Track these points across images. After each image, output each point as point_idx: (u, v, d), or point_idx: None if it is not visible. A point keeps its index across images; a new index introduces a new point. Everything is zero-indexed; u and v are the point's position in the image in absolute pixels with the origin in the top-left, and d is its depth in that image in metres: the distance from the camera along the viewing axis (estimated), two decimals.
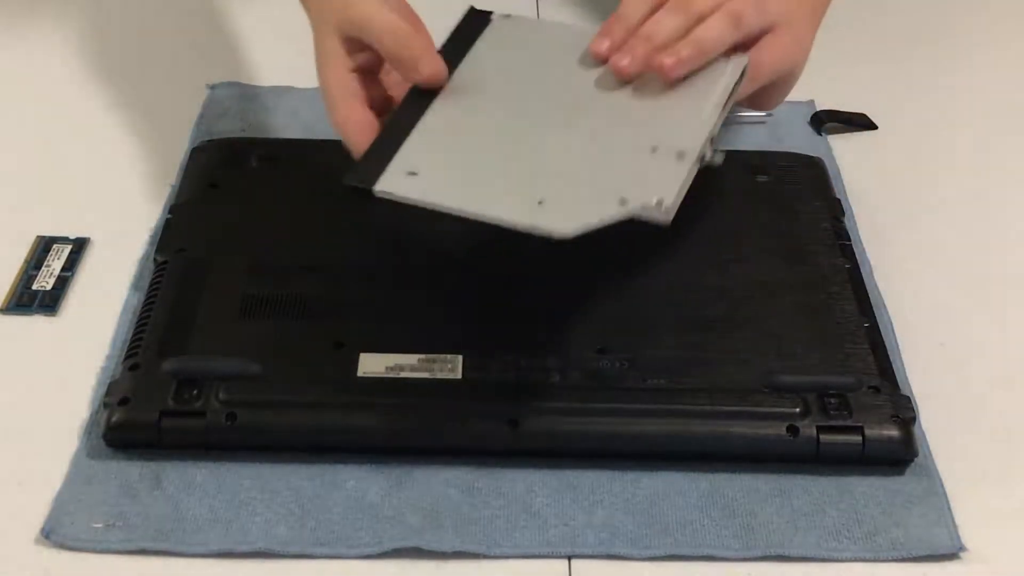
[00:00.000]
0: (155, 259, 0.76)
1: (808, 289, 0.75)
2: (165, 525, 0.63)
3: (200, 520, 0.63)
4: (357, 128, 0.66)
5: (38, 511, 0.64)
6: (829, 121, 0.93)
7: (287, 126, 0.91)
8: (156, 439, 0.66)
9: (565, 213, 0.56)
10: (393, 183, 0.59)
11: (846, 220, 0.81)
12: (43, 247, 0.79)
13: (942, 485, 0.67)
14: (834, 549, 0.63)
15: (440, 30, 0.71)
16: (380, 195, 0.60)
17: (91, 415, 0.69)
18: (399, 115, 0.64)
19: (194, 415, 0.66)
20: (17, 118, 0.92)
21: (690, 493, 0.66)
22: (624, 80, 0.66)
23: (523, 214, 0.56)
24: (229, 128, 0.90)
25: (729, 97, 0.65)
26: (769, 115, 0.92)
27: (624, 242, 0.77)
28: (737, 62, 0.66)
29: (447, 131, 0.62)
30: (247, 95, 0.94)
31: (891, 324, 0.76)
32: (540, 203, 0.57)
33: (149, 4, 1.04)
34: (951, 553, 0.64)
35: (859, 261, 0.78)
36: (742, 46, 0.72)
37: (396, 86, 0.72)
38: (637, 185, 0.57)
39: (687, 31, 0.69)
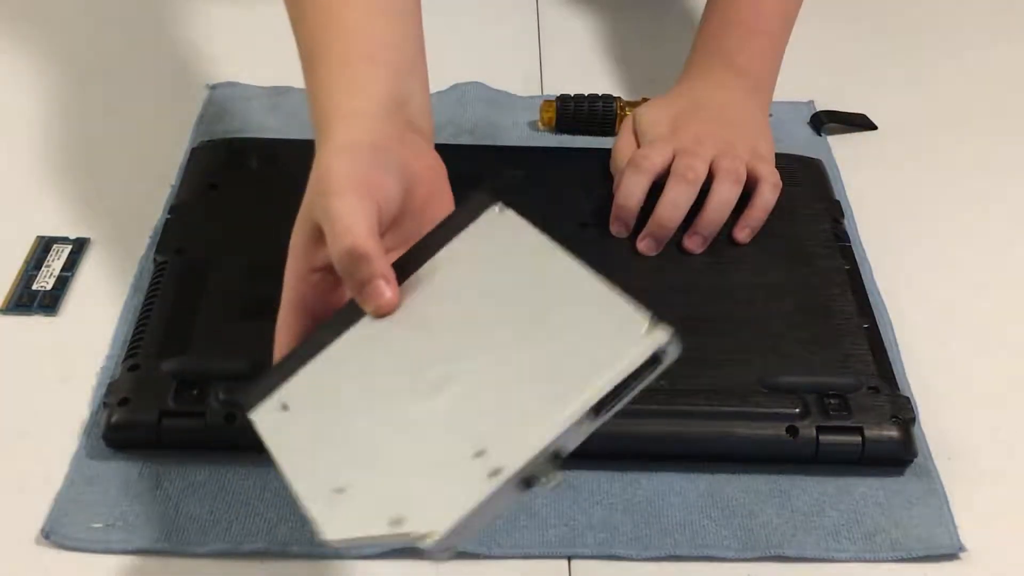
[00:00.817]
0: (155, 259, 0.76)
1: (808, 290, 0.75)
2: (165, 525, 0.63)
3: (201, 520, 0.64)
4: (283, 345, 0.59)
5: (38, 511, 0.64)
6: (829, 122, 0.93)
7: (287, 127, 0.91)
8: (156, 439, 0.66)
9: (343, 515, 0.52)
10: (262, 416, 0.58)
11: (846, 221, 0.81)
12: (43, 247, 0.79)
13: (941, 486, 0.67)
14: (834, 549, 0.64)
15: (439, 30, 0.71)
16: (250, 422, 0.58)
17: (91, 415, 0.69)
18: (317, 331, 0.59)
19: (194, 415, 0.66)
20: (17, 118, 0.92)
21: (690, 493, 0.66)
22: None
23: (313, 498, 0.53)
24: (228, 128, 0.90)
25: (621, 387, 0.52)
26: (769, 116, 0.92)
27: (624, 243, 0.78)
28: (657, 336, 0.52)
29: (331, 370, 0.58)
30: (247, 95, 0.94)
31: (891, 325, 0.76)
32: (338, 491, 0.53)
33: (149, 4, 1.04)
34: (950, 553, 0.64)
35: (859, 262, 0.78)
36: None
37: None
38: (424, 503, 0.51)
39: (691, 199, 0.77)
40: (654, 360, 0.52)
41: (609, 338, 0.53)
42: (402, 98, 0.62)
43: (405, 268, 0.59)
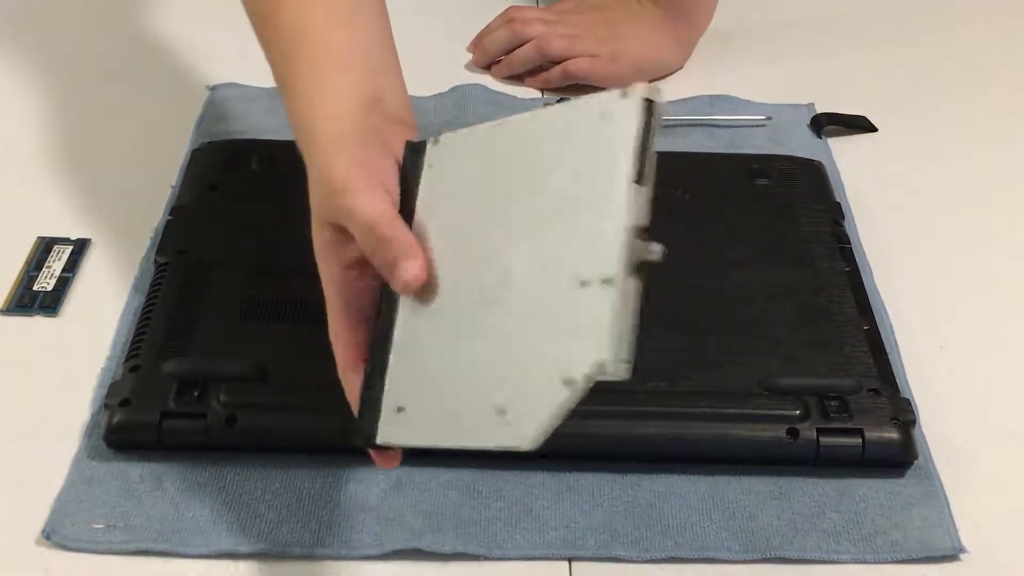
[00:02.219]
0: (156, 260, 0.76)
1: (808, 292, 0.75)
2: (166, 526, 0.63)
3: (201, 521, 0.64)
4: (344, 352, 0.60)
5: (39, 512, 0.64)
6: (829, 124, 0.93)
7: (287, 128, 0.90)
8: (157, 440, 0.66)
9: (524, 419, 0.51)
10: (389, 431, 0.57)
11: (846, 223, 0.81)
12: (44, 248, 0.79)
13: (942, 487, 0.67)
14: (834, 551, 0.64)
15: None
16: (383, 445, 0.58)
17: (92, 416, 0.69)
18: (379, 322, 0.59)
19: (195, 416, 0.66)
20: (18, 118, 0.92)
21: (690, 495, 0.66)
22: None
23: (491, 437, 0.53)
24: (229, 130, 0.90)
25: (642, 147, 0.53)
26: (769, 118, 0.93)
27: None
28: (634, 92, 0.52)
29: (414, 337, 0.58)
30: (248, 96, 0.94)
31: (891, 327, 0.76)
32: (501, 413, 0.53)
33: (150, 5, 1.04)
34: (951, 555, 0.64)
35: (859, 264, 0.78)
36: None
37: None
38: (574, 353, 0.50)
39: (508, 42, 0.97)
40: (650, 110, 0.52)
41: (602, 121, 0.53)
42: (376, 97, 0.63)
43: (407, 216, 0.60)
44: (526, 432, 0.51)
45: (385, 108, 0.63)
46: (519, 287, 0.54)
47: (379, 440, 0.58)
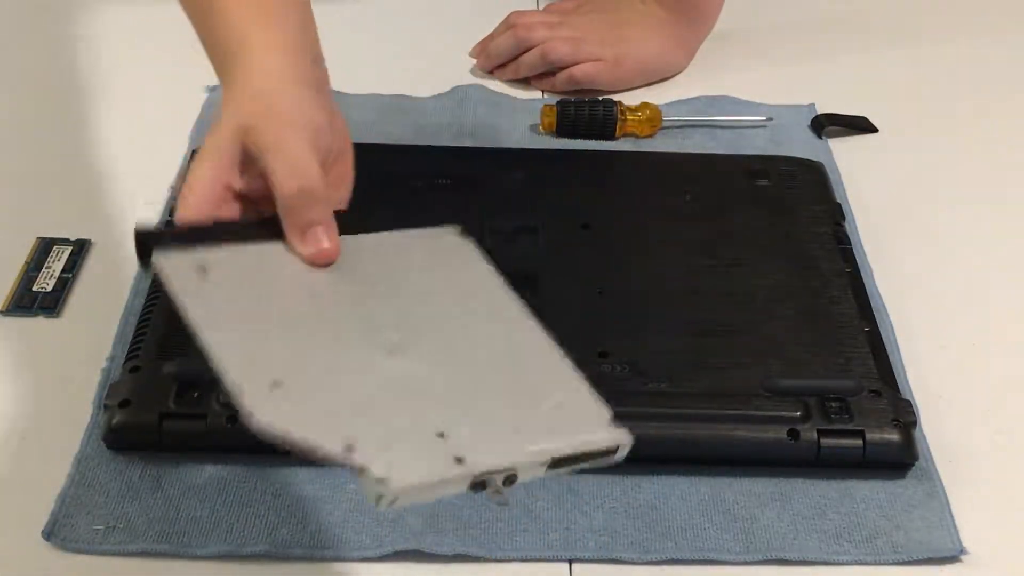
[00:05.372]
0: None
1: (809, 293, 0.75)
2: (166, 527, 0.63)
3: (201, 522, 0.63)
4: (190, 211, 0.56)
5: (39, 513, 0.64)
6: (829, 124, 0.93)
7: None
8: (157, 441, 0.66)
9: (284, 408, 0.50)
10: (174, 265, 0.54)
11: (847, 224, 0.81)
12: (44, 248, 0.79)
13: (943, 488, 0.67)
14: (835, 552, 0.64)
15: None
16: (154, 265, 0.55)
17: (92, 417, 0.69)
18: (248, 225, 0.56)
19: (195, 417, 0.66)
20: (17, 119, 0.92)
21: (691, 497, 0.66)
22: None
23: (246, 380, 0.50)
24: None
25: (584, 456, 0.52)
26: (770, 119, 0.93)
27: (625, 246, 0.78)
28: (616, 434, 0.53)
29: (271, 269, 0.54)
30: None
31: (892, 328, 0.76)
32: (275, 385, 0.50)
33: (148, 6, 1.04)
34: (952, 556, 0.64)
35: (859, 265, 0.78)
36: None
37: None
38: (381, 445, 0.49)
39: (512, 50, 0.96)
40: (610, 452, 0.53)
41: (574, 410, 0.54)
42: (316, 54, 0.62)
43: (347, 226, 0.58)
44: (270, 415, 0.50)
45: (322, 68, 0.62)
46: (396, 365, 0.53)
47: (157, 255, 0.54)
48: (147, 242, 0.55)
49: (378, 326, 0.54)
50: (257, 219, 0.57)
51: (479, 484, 0.50)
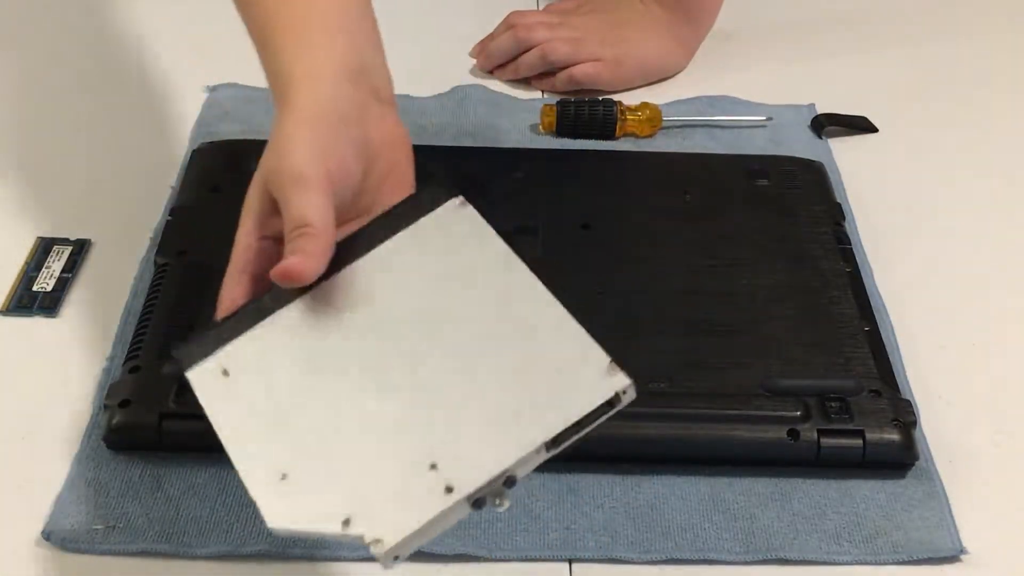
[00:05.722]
0: (156, 261, 0.76)
1: (809, 293, 0.75)
2: (166, 527, 0.63)
3: (201, 522, 0.63)
4: (226, 303, 0.60)
5: (39, 513, 0.64)
6: (829, 124, 0.93)
7: None
8: (157, 441, 0.66)
9: (290, 505, 0.52)
10: (202, 376, 0.57)
11: (847, 224, 0.81)
12: (43, 248, 0.79)
13: (943, 488, 0.67)
14: (835, 552, 0.64)
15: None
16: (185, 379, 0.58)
17: (92, 417, 0.69)
18: (264, 298, 0.59)
19: (195, 417, 0.65)
20: (17, 119, 0.92)
21: (691, 497, 0.66)
22: None
23: (257, 483, 0.53)
24: (229, 130, 0.90)
25: (577, 427, 0.53)
26: (770, 119, 0.93)
27: (626, 245, 0.78)
28: (615, 383, 0.53)
29: (279, 345, 0.57)
30: (248, 97, 0.94)
31: (892, 328, 0.76)
32: (282, 478, 0.53)
33: (149, 5, 1.04)
34: (952, 556, 0.64)
35: (859, 265, 0.78)
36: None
37: None
38: (375, 508, 0.51)
39: (512, 50, 0.97)
40: (611, 403, 0.53)
41: (569, 372, 0.54)
42: (363, 65, 0.63)
43: (355, 248, 0.59)
44: (277, 513, 0.52)
45: (370, 80, 0.63)
46: (391, 406, 0.55)
47: (188, 372, 0.58)
48: (180, 364, 0.58)
49: (380, 358, 0.56)
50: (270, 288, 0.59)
51: (479, 502, 0.52)
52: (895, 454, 0.67)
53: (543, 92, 0.97)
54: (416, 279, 0.58)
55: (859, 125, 0.94)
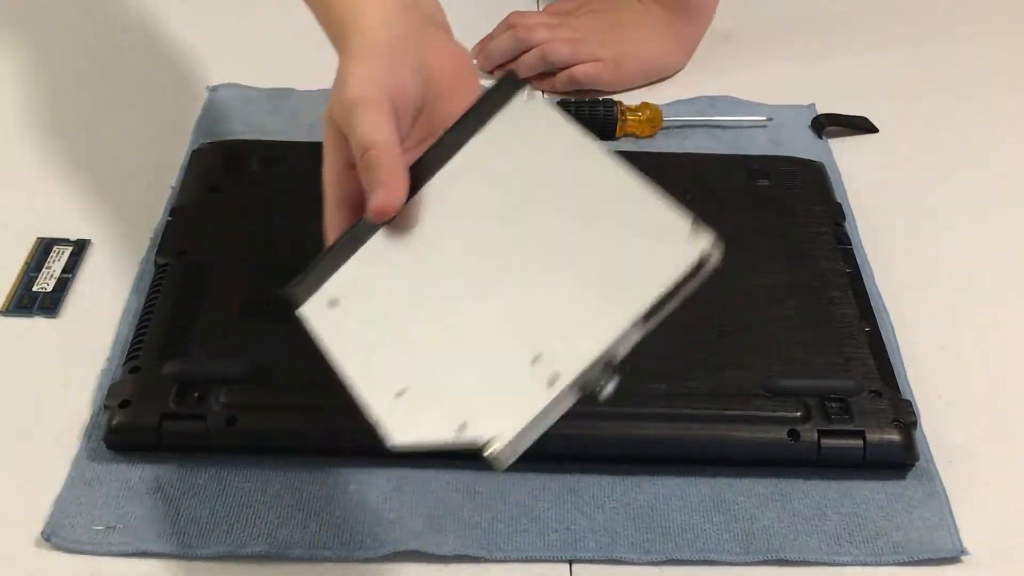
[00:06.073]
0: (156, 261, 0.76)
1: (809, 293, 0.75)
2: (166, 528, 0.63)
3: (201, 523, 0.63)
4: (332, 239, 0.61)
5: (38, 514, 0.64)
6: (830, 124, 0.93)
7: (287, 128, 0.91)
8: (157, 442, 0.66)
9: (408, 420, 0.54)
10: (312, 310, 0.59)
11: (847, 224, 0.81)
12: (43, 249, 0.79)
13: (943, 489, 0.67)
14: (835, 553, 0.64)
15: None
16: (298, 316, 0.59)
17: (92, 417, 0.69)
18: (356, 226, 0.60)
19: (195, 418, 0.66)
20: (17, 119, 0.92)
21: (691, 498, 0.66)
22: None
23: (376, 403, 0.55)
24: (229, 130, 0.90)
25: (669, 295, 0.53)
26: (770, 119, 0.93)
27: None
28: (699, 244, 0.54)
29: (379, 268, 0.59)
30: (248, 97, 0.94)
31: (892, 328, 0.76)
32: (398, 395, 0.55)
33: (149, 5, 1.04)
34: (952, 556, 0.64)
35: (860, 265, 0.78)
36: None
37: None
38: (486, 411, 0.53)
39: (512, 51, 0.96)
40: (698, 267, 0.53)
41: (654, 243, 0.54)
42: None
43: (434, 161, 0.61)
44: (398, 431, 0.54)
45: (421, 9, 0.65)
46: (491, 306, 0.56)
47: (299, 309, 0.59)
48: (292, 302, 0.60)
49: (475, 262, 0.58)
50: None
51: (584, 387, 0.53)
52: (895, 454, 0.67)
53: (543, 92, 0.97)
54: (497, 178, 0.59)
55: (859, 125, 0.94)
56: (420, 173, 0.60)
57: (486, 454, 0.52)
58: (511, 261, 0.57)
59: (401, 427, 0.54)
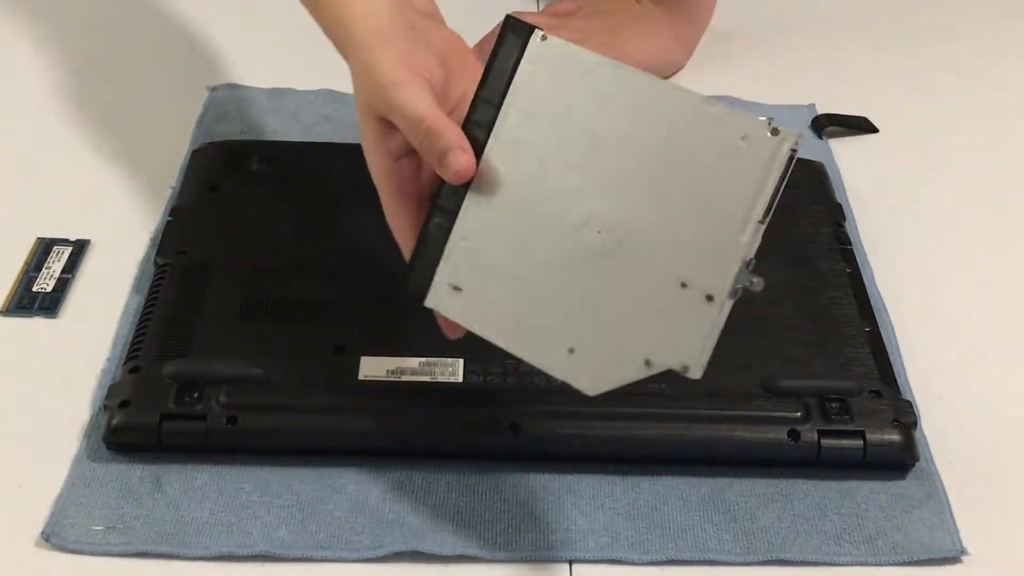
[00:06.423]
0: (156, 261, 0.76)
1: (809, 293, 0.75)
2: (166, 528, 0.63)
3: (201, 523, 0.63)
4: (402, 231, 0.63)
5: (38, 514, 0.64)
6: (830, 125, 0.93)
7: (288, 128, 0.91)
8: (157, 442, 0.66)
9: (593, 369, 0.57)
10: (440, 299, 0.61)
11: (847, 224, 0.81)
12: (43, 249, 0.79)
13: (943, 489, 0.67)
14: (835, 553, 0.63)
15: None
16: (428, 306, 0.61)
17: (92, 418, 0.69)
18: (437, 208, 0.61)
19: (195, 418, 0.66)
20: (17, 119, 0.92)
21: (691, 498, 0.66)
22: None
23: (555, 363, 0.58)
24: (229, 130, 0.90)
25: (775, 193, 0.56)
26: (770, 119, 0.92)
27: None
28: (786, 139, 0.55)
29: (483, 237, 0.60)
30: (248, 97, 0.94)
31: (892, 328, 0.76)
32: (571, 351, 0.58)
33: (150, 5, 1.04)
34: (952, 556, 0.64)
35: (860, 265, 0.78)
36: None
37: None
38: (663, 342, 0.56)
39: None
40: (791, 158, 0.55)
41: (742, 150, 0.56)
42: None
43: (483, 120, 0.61)
44: (589, 381, 0.57)
45: (414, 4, 0.67)
46: (618, 250, 0.58)
47: (427, 301, 0.61)
48: (416, 297, 0.62)
49: (573, 217, 0.59)
50: None
51: (736, 292, 0.56)
52: (895, 455, 0.67)
53: None
54: (555, 120, 0.60)
55: (859, 125, 0.94)
56: (475, 134, 0.61)
57: (689, 375, 0.55)
58: (608, 197, 0.58)
59: (592, 378, 0.57)
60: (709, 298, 0.56)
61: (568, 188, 0.59)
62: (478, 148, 0.60)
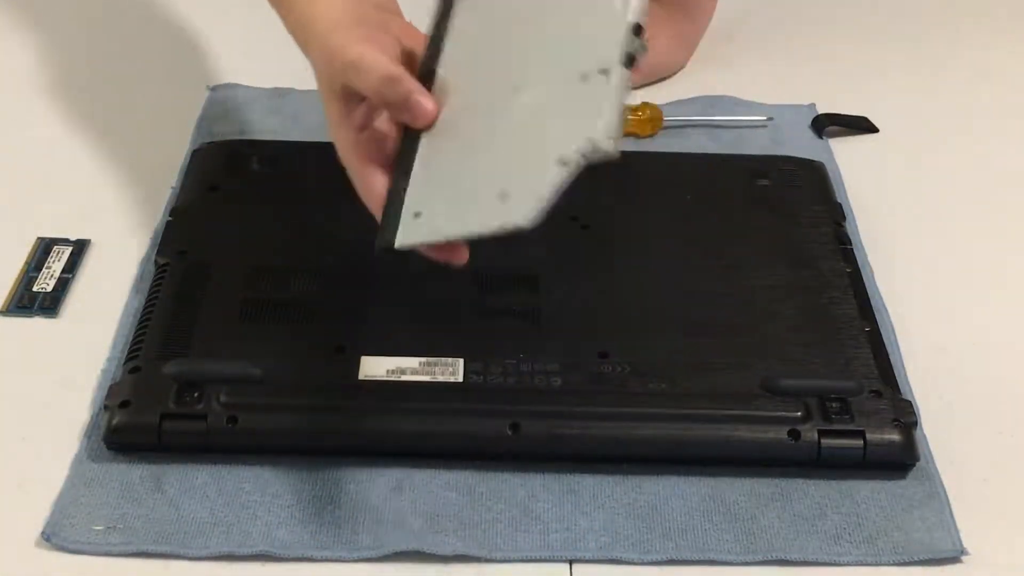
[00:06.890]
0: (156, 261, 0.76)
1: (809, 293, 0.75)
2: (166, 528, 0.63)
3: (201, 523, 0.63)
4: (372, 198, 0.64)
5: (39, 514, 0.63)
6: (830, 124, 0.93)
7: (288, 128, 0.91)
8: (157, 442, 0.66)
9: (522, 199, 0.57)
10: (407, 235, 0.62)
11: (847, 224, 0.81)
12: (43, 249, 0.79)
13: (943, 489, 0.67)
14: (835, 553, 0.63)
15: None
16: (401, 248, 0.62)
17: (92, 418, 0.69)
18: (400, 157, 0.64)
19: (195, 418, 0.66)
20: (17, 119, 0.92)
21: (691, 497, 0.66)
22: None
23: (493, 219, 0.58)
24: (230, 130, 0.90)
25: None
26: (770, 119, 0.93)
27: (627, 246, 0.78)
28: None
29: (432, 159, 0.63)
30: (248, 97, 0.94)
31: (892, 328, 0.76)
32: (503, 198, 0.58)
33: (150, 5, 1.04)
34: (952, 557, 0.64)
35: (860, 265, 0.78)
36: None
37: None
38: (572, 135, 0.56)
39: None
40: None
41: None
42: None
43: (430, 57, 0.65)
44: (523, 211, 0.57)
45: (372, 1, 0.69)
46: (525, 89, 0.60)
47: (397, 243, 0.62)
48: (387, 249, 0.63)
49: (493, 86, 0.62)
50: None
51: (630, 59, 0.57)
52: (896, 455, 0.67)
53: None
54: (489, 41, 0.64)
55: (859, 125, 0.94)
56: (426, 74, 0.64)
57: (599, 155, 0.56)
58: (519, 62, 0.61)
59: (524, 211, 0.57)
60: (604, 72, 0.56)
61: (496, 86, 0.62)
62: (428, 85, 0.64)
